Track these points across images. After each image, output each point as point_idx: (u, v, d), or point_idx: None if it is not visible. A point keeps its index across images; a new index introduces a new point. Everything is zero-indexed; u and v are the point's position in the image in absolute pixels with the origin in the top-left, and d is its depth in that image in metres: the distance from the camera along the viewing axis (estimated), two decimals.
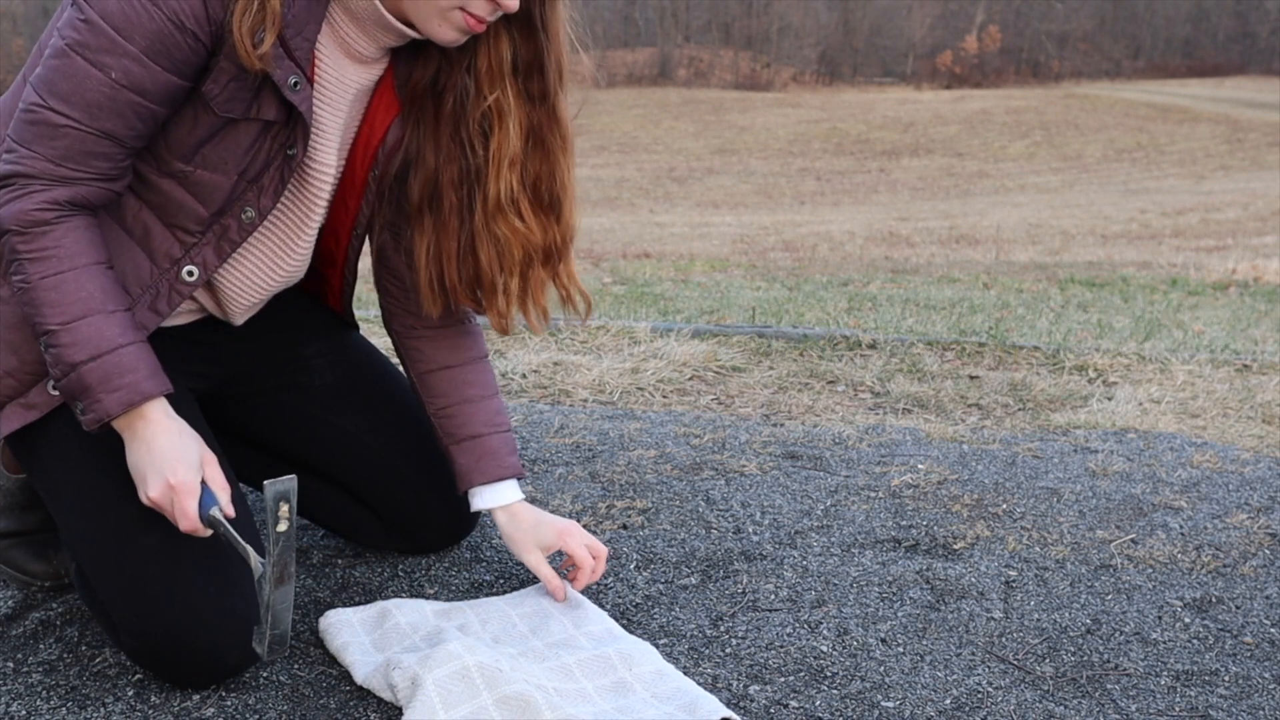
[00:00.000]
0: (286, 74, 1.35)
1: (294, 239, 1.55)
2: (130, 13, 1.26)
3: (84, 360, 1.32)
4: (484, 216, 1.52)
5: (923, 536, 2.00)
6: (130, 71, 1.28)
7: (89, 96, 1.29)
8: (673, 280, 7.42)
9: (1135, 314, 5.53)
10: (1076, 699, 1.48)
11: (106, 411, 1.33)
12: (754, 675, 1.52)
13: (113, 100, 1.29)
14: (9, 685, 1.46)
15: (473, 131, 1.50)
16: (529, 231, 1.54)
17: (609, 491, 2.20)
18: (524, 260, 1.56)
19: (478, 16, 1.37)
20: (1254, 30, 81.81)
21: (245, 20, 1.29)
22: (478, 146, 1.50)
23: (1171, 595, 1.80)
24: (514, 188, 1.52)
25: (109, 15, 1.26)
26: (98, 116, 1.30)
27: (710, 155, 38.02)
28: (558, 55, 1.49)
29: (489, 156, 1.50)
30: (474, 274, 1.56)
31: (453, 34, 1.38)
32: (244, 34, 1.29)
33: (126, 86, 1.29)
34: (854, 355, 3.46)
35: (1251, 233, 14.63)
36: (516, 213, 1.53)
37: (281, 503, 1.26)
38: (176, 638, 1.38)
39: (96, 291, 1.34)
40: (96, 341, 1.32)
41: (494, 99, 1.47)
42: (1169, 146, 36.61)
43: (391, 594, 1.73)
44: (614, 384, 3.04)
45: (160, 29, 1.27)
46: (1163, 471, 2.38)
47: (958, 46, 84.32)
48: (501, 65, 1.47)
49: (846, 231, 16.15)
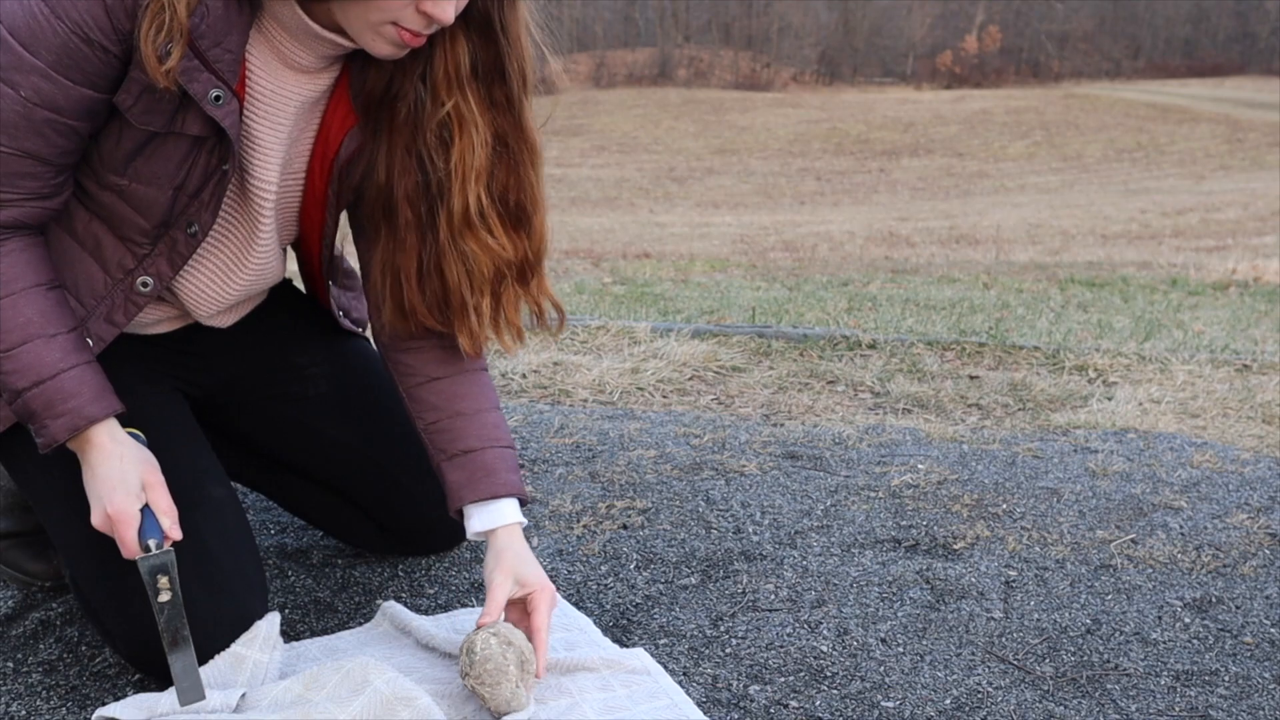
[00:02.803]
0: (205, 88, 1.28)
1: (245, 251, 1.50)
2: (34, 27, 1.21)
3: (27, 387, 1.30)
4: (449, 233, 1.43)
5: (923, 536, 2.00)
6: (40, 89, 1.23)
7: (4, 117, 1.24)
8: (673, 280, 7.42)
9: (1135, 314, 5.53)
10: (1076, 699, 1.48)
11: (53, 437, 1.31)
12: (754, 675, 1.52)
13: (28, 119, 1.25)
14: (9, 685, 1.46)
15: (430, 143, 1.41)
16: (500, 247, 1.44)
17: (609, 491, 2.20)
18: (495, 277, 1.46)
19: (412, 30, 1.28)
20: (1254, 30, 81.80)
21: (152, 33, 1.21)
22: (437, 159, 1.41)
23: (1171, 595, 1.80)
24: (482, 201, 1.42)
25: (15, 30, 1.21)
26: (16, 137, 1.25)
27: (710, 155, 38.02)
28: (520, 60, 1.39)
29: (451, 169, 1.40)
30: (441, 294, 1.47)
31: (388, 48, 1.30)
32: (150, 48, 1.22)
33: (39, 104, 1.24)
34: (854, 355, 3.46)
35: (1251, 233, 14.63)
36: (486, 228, 1.43)
37: (159, 575, 1.27)
38: (160, 650, 1.38)
39: (35, 316, 1.31)
40: (37, 368, 1.30)
41: (452, 106, 1.38)
42: (1169, 146, 36.62)
43: (391, 594, 1.73)
44: (614, 384, 3.04)
45: (65, 42, 1.22)
46: (1163, 471, 2.38)
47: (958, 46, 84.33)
48: (459, 70, 1.37)
49: (846, 231, 16.15)
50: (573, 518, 2.06)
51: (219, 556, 1.43)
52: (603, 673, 1.46)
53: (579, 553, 1.90)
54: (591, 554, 1.90)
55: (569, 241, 13.94)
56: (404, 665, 1.46)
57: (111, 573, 1.39)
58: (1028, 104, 48.38)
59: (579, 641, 1.55)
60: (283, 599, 1.71)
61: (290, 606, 1.68)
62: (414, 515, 1.77)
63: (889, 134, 41.77)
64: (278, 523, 1.99)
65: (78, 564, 1.43)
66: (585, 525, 2.03)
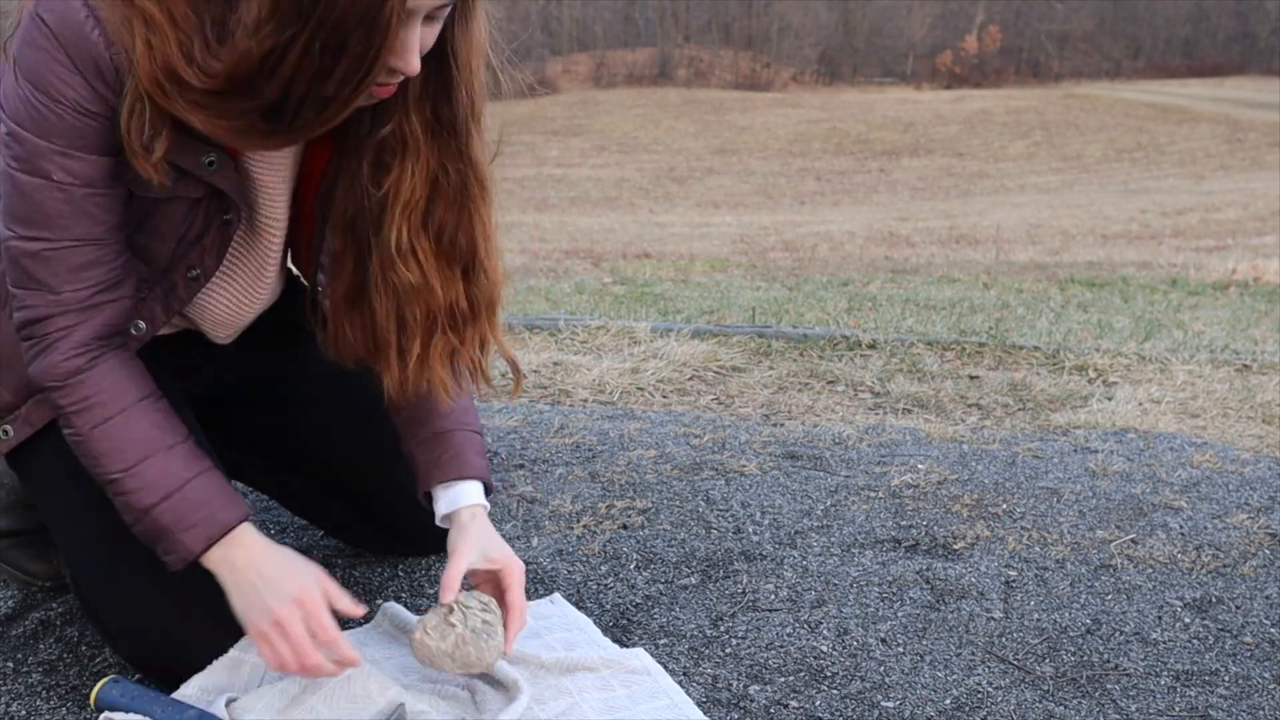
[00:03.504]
0: (197, 157, 1.27)
1: (255, 281, 1.50)
2: (36, 116, 1.20)
3: (155, 503, 1.27)
4: (379, 264, 1.36)
5: (923, 536, 2.00)
6: (69, 167, 1.22)
7: (47, 208, 1.23)
8: (673, 280, 7.42)
9: (1135, 314, 5.53)
10: (1076, 699, 1.48)
11: (189, 550, 1.28)
12: (754, 675, 1.52)
13: (69, 202, 1.24)
14: (9, 685, 1.46)
15: (368, 165, 1.34)
16: (427, 287, 1.36)
17: (609, 491, 2.20)
18: (427, 321, 1.39)
19: (381, 83, 1.21)
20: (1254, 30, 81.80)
21: (134, 126, 1.20)
22: (372, 184, 1.35)
23: (1171, 595, 1.80)
24: (408, 234, 1.34)
25: (21, 122, 1.21)
26: (67, 226, 1.24)
27: (710, 155, 38.02)
28: (469, 87, 1.31)
29: (385, 195, 1.34)
30: (370, 328, 1.40)
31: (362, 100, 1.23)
32: (134, 140, 1.20)
33: (73, 184, 1.23)
34: (854, 355, 3.46)
35: (1251, 233, 14.63)
36: (416, 263, 1.35)
37: None
38: (168, 644, 1.38)
39: (151, 430, 1.29)
40: (164, 482, 1.28)
41: (394, 126, 1.31)
42: (1169, 146, 36.61)
43: (391, 594, 1.73)
44: (614, 384, 3.04)
45: (72, 122, 1.21)
46: (1163, 471, 2.38)
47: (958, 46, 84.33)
48: (408, 92, 1.30)
49: (846, 231, 16.15)
50: (573, 518, 2.06)
51: None
52: (602, 672, 1.46)
53: (579, 553, 1.91)
54: (591, 554, 1.90)
55: (569, 241, 13.94)
56: (404, 665, 1.46)
57: (113, 573, 1.39)
58: (1028, 104, 48.38)
59: (579, 641, 1.55)
60: None
61: None
62: (414, 514, 1.77)
63: (889, 134, 41.77)
64: (277, 523, 1.99)
65: (79, 563, 1.43)
66: (585, 525, 2.03)
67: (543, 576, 1.81)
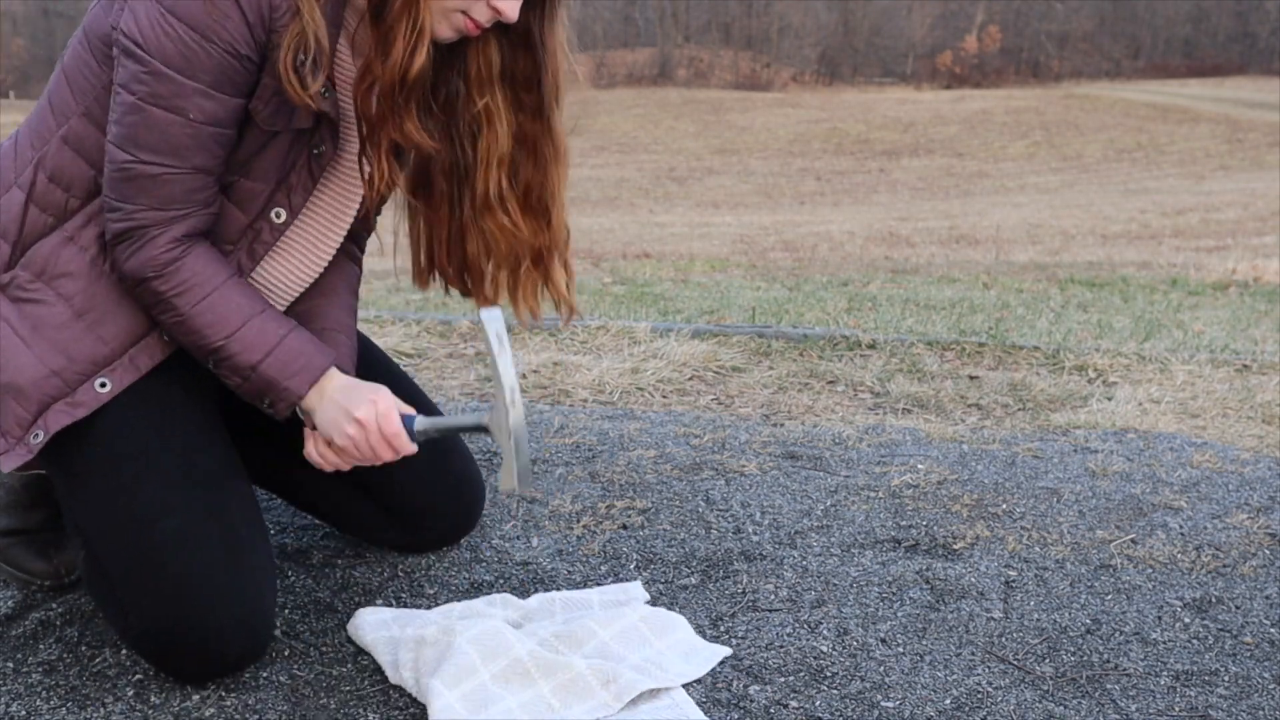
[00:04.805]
0: (317, 85, 1.41)
1: (328, 232, 1.60)
2: (189, 54, 1.32)
3: (260, 360, 1.45)
4: (472, 211, 1.61)
5: (923, 536, 2.00)
6: (205, 108, 1.35)
7: (175, 141, 1.36)
8: (673, 280, 7.42)
9: (1135, 314, 5.53)
10: (1076, 699, 1.48)
11: (296, 393, 1.47)
12: (754, 675, 1.52)
13: (196, 138, 1.37)
14: (9, 685, 1.46)
15: (463, 131, 1.57)
16: (516, 230, 1.61)
17: (609, 491, 2.20)
18: (511, 257, 1.64)
19: (476, 21, 1.43)
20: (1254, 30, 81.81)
21: (292, 57, 1.36)
22: (467, 146, 1.58)
23: (1171, 595, 1.80)
24: (502, 187, 1.59)
25: (170, 61, 1.32)
26: (188, 157, 1.38)
27: (710, 155, 38.01)
28: (555, 71, 1.55)
29: (478, 156, 1.57)
30: (462, 261, 1.65)
31: (449, 32, 1.44)
32: (292, 74, 1.36)
33: (205, 122, 1.36)
34: (854, 355, 3.46)
35: (1251, 233, 14.62)
36: (504, 211, 1.60)
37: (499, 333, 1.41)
38: (183, 623, 1.39)
39: (244, 300, 1.45)
40: (263, 341, 1.45)
41: (483, 104, 1.55)
42: (1169, 146, 36.60)
43: (391, 594, 1.73)
44: (614, 384, 3.04)
45: (220, 62, 1.33)
46: (1163, 471, 2.38)
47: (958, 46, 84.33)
48: (490, 72, 1.53)
49: (846, 231, 16.15)
50: (573, 518, 2.06)
51: (245, 539, 1.47)
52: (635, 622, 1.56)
53: (579, 553, 1.91)
54: (591, 554, 1.90)
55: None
56: None
57: (141, 549, 1.41)
58: (1028, 104, 48.36)
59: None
60: (283, 599, 1.71)
61: (290, 606, 1.68)
62: (425, 498, 1.79)
63: (889, 134, 41.76)
64: (278, 523, 1.99)
65: (105, 538, 1.44)
66: (585, 525, 2.03)
67: (543, 576, 1.81)
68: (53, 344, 1.44)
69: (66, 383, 1.45)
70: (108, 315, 1.47)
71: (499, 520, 2.04)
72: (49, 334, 1.45)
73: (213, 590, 1.41)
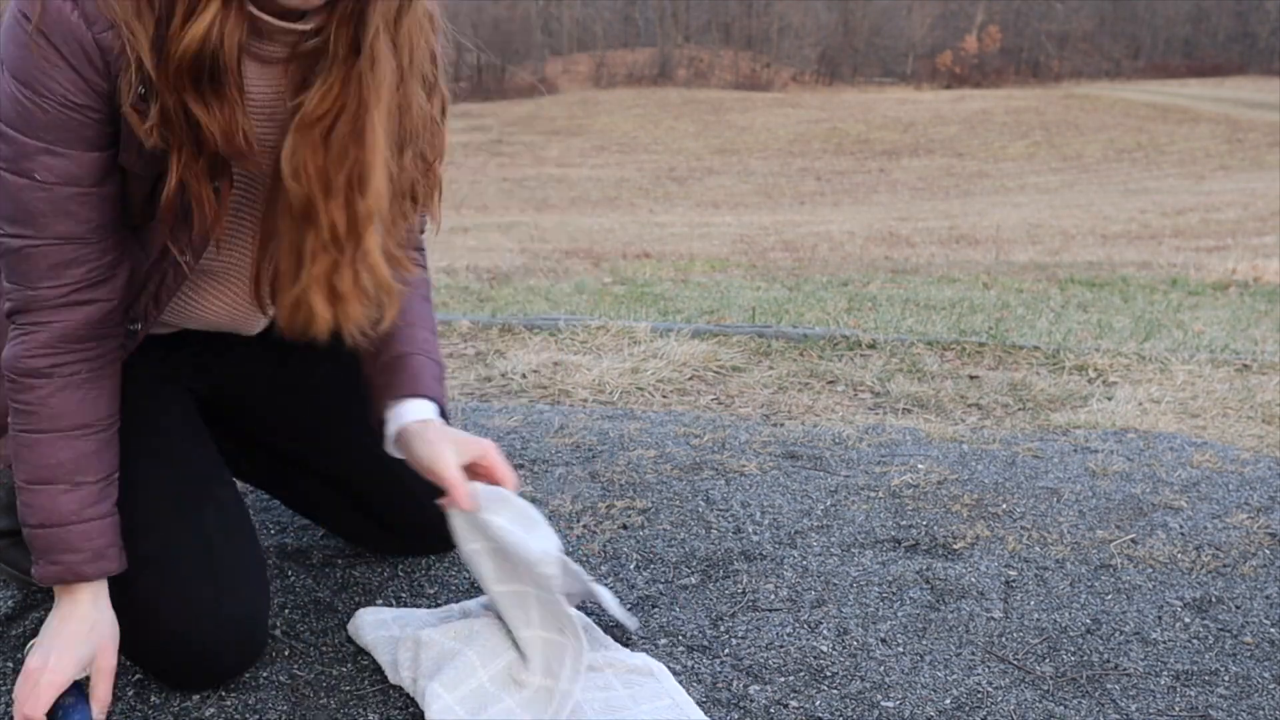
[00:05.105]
0: None
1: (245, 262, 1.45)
2: (22, 111, 1.18)
3: (35, 525, 1.32)
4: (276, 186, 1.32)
5: (923, 536, 2.00)
6: (53, 166, 1.20)
7: (30, 208, 1.22)
8: (673, 280, 7.42)
9: (1135, 314, 5.53)
10: (1076, 699, 1.48)
11: (41, 577, 1.33)
12: (754, 675, 1.52)
13: (51, 202, 1.22)
14: (9, 685, 1.46)
15: (292, 83, 1.29)
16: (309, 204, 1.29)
17: (609, 491, 2.20)
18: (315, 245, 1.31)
19: None
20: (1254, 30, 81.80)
21: (129, 94, 1.18)
22: (290, 98, 1.30)
23: (1171, 595, 1.80)
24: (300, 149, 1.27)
25: (10, 121, 1.19)
26: (46, 225, 1.23)
27: (710, 155, 38.02)
28: (409, 30, 1.27)
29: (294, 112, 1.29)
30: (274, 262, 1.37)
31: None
32: (133, 114, 1.20)
33: (57, 182, 1.21)
34: (854, 355, 3.46)
35: (1251, 233, 14.62)
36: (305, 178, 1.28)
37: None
38: (172, 642, 1.39)
39: (68, 461, 1.30)
40: (49, 511, 1.31)
41: (317, 43, 1.26)
42: (1169, 146, 36.60)
43: (391, 594, 1.73)
44: (614, 384, 3.04)
45: (55, 117, 1.19)
46: (1163, 471, 2.38)
47: (958, 46, 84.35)
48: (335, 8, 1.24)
49: (846, 231, 16.15)
50: (573, 518, 2.06)
51: (224, 556, 1.44)
52: (605, 672, 1.46)
53: (579, 553, 1.90)
54: (591, 554, 1.90)
55: (569, 241, 13.94)
56: None
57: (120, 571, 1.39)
58: (1028, 104, 48.37)
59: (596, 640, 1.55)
60: (282, 599, 1.71)
61: (290, 606, 1.68)
62: (418, 512, 1.77)
63: (889, 134, 41.77)
64: (278, 523, 1.99)
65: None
66: (585, 525, 2.03)
67: None
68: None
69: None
70: None
71: None
72: None
73: (193, 610, 1.39)
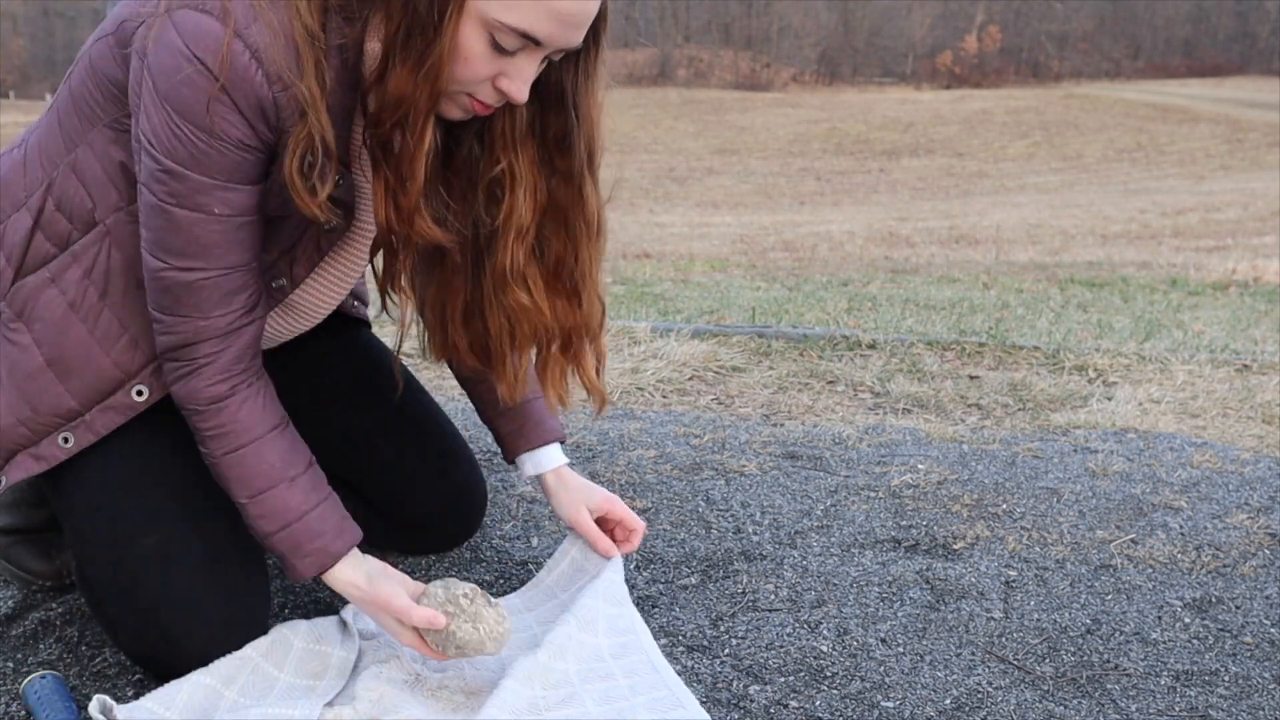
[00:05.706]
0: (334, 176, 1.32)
1: (327, 295, 1.56)
2: (198, 153, 1.24)
3: (274, 531, 1.36)
4: (492, 284, 1.46)
5: (923, 536, 2.00)
6: (229, 200, 1.28)
7: (205, 240, 1.28)
8: (673, 280, 7.42)
9: (1135, 314, 5.53)
10: (1076, 699, 1.48)
11: (301, 575, 1.38)
12: (754, 675, 1.52)
13: (226, 233, 1.29)
14: (9, 685, 1.46)
15: (481, 197, 1.43)
16: (539, 309, 1.47)
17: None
18: (535, 338, 1.50)
19: (484, 102, 1.31)
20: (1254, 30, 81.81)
21: (299, 165, 1.26)
22: (486, 213, 1.43)
23: (1171, 595, 1.80)
24: (520, 260, 1.44)
25: (183, 161, 1.24)
26: (222, 256, 1.30)
27: (710, 155, 38.02)
28: (589, 136, 1.40)
29: (499, 224, 1.42)
30: (483, 340, 1.52)
31: (458, 113, 1.33)
32: (299, 182, 1.26)
33: (233, 214, 1.29)
34: (854, 355, 3.46)
35: (1251, 233, 14.63)
36: (526, 287, 1.45)
37: None
38: (171, 641, 1.39)
39: (276, 462, 1.37)
40: (282, 511, 1.36)
41: (505, 165, 1.40)
42: (1169, 146, 36.61)
43: None
44: (614, 384, 3.04)
45: (231, 159, 1.25)
46: (1163, 471, 2.38)
47: (958, 46, 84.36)
48: (515, 131, 1.39)
49: (846, 232, 16.15)
50: None
51: (230, 551, 1.44)
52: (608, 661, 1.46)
53: None
54: None
55: None
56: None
57: (123, 566, 1.39)
58: (1028, 104, 48.37)
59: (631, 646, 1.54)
60: (282, 599, 1.71)
61: (290, 606, 1.68)
62: (424, 508, 1.78)
63: (889, 134, 41.77)
64: None
65: (89, 555, 1.43)
66: None
67: None
68: (21, 391, 1.40)
69: (33, 432, 1.41)
70: (74, 369, 1.40)
71: (499, 520, 2.04)
72: (20, 380, 1.40)
73: (194, 608, 1.39)
